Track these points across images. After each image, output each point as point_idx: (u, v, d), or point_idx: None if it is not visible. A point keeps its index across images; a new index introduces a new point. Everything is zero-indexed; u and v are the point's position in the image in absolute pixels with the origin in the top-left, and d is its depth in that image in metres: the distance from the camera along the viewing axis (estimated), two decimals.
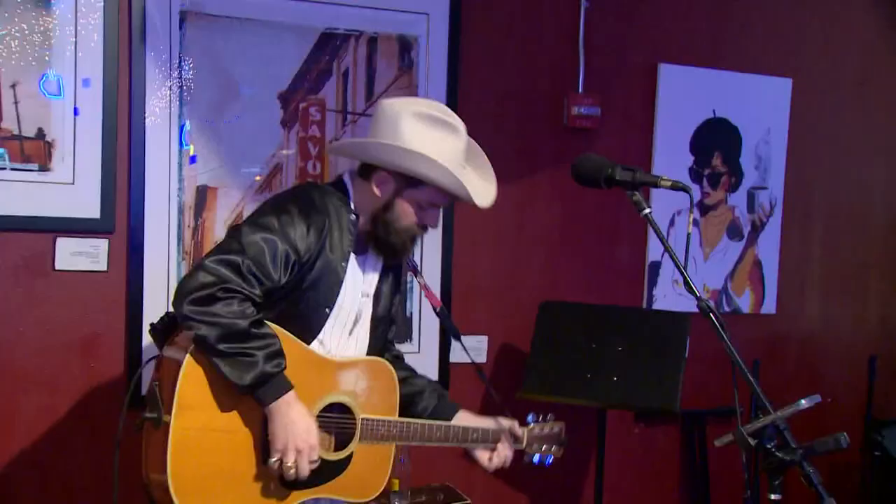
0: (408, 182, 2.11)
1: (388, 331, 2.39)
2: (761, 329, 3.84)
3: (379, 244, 2.19)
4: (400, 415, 2.33)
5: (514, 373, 3.27)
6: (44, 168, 2.69)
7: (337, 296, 2.14)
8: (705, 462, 3.72)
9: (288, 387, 1.99)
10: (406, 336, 3.21)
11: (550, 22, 3.40)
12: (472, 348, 3.32)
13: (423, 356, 3.22)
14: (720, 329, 1.71)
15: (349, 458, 2.17)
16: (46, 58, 2.68)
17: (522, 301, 3.36)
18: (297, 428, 1.99)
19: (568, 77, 3.41)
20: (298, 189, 2.23)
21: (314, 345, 2.15)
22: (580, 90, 3.41)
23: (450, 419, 2.38)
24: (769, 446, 1.59)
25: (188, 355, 1.96)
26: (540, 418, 2.49)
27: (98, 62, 2.73)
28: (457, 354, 3.30)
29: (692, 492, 3.77)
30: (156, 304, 2.79)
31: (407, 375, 2.42)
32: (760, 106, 3.76)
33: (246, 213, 2.92)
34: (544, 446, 2.48)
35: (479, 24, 3.27)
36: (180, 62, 2.84)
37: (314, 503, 2.18)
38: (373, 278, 2.27)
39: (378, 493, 2.27)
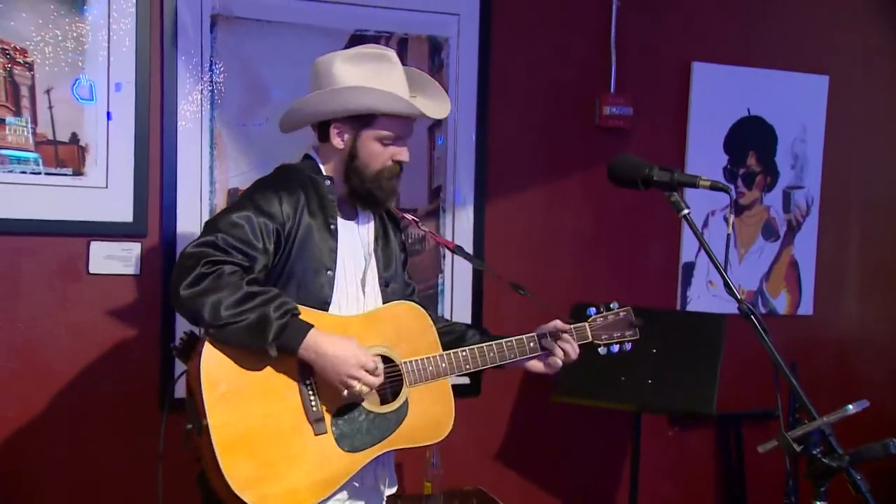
0: (361, 122, 2.12)
1: (401, 291, 2.33)
2: (798, 331, 3.78)
3: (359, 196, 2.17)
4: None
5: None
6: (77, 172, 2.71)
7: (335, 256, 2.13)
8: (742, 466, 3.66)
9: (307, 327, 1.96)
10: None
11: (581, 21, 3.37)
12: None
13: None
14: (762, 332, 1.67)
15: (405, 405, 2.13)
16: (80, 63, 2.69)
17: (554, 302, 3.30)
18: (338, 356, 1.96)
19: (600, 76, 3.38)
20: (269, 174, 2.23)
21: (332, 310, 2.12)
22: (612, 90, 3.38)
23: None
24: (815, 452, 1.55)
25: (202, 356, 1.94)
26: (602, 308, 2.38)
27: (130, 67, 2.75)
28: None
29: (728, 496, 3.71)
30: None
31: (445, 325, 2.37)
32: (796, 104, 3.70)
33: None
34: (616, 333, 2.36)
35: (510, 25, 3.25)
36: (211, 65, 2.85)
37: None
38: (369, 238, 2.25)
39: (448, 431, 2.21)
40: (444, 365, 2.17)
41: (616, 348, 2.36)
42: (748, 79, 3.60)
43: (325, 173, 2.19)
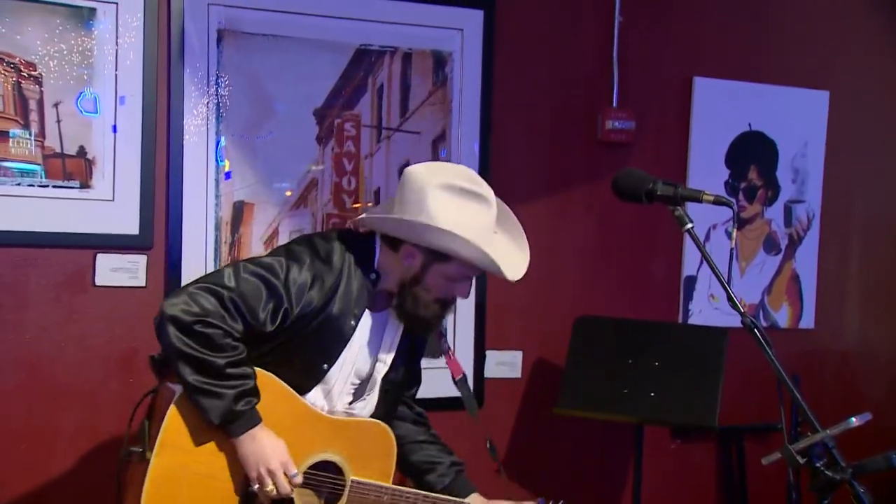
0: (437, 256, 2.06)
1: (401, 395, 2.33)
2: (799, 344, 3.79)
3: (408, 318, 2.13)
4: (412, 480, 2.29)
5: (550, 388, 3.25)
6: (85, 185, 2.72)
7: (339, 354, 2.09)
8: (743, 479, 3.67)
9: (256, 420, 1.96)
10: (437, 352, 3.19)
11: (584, 36, 3.40)
12: (507, 363, 3.33)
13: None
14: (766, 346, 1.68)
15: None
16: (85, 77, 2.71)
17: (557, 316, 3.34)
18: (266, 450, 1.96)
19: (602, 91, 3.41)
20: (319, 236, 2.17)
21: (316, 397, 2.11)
22: (614, 104, 3.40)
23: (463, 499, 2.30)
24: (818, 465, 1.56)
25: (179, 394, 1.94)
26: (550, 503, 2.42)
27: (137, 81, 2.77)
28: (491, 369, 3.30)
29: None
30: None
31: (426, 440, 2.38)
32: (797, 119, 3.72)
33: (282, 229, 2.95)
34: None
35: (513, 40, 3.28)
36: (217, 80, 2.87)
37: None
38: (391, 340, 2.21)
39: None
40: (385, 499, 2.16)
41: None
42: (749, 94, 3.63)
43: (376, 266, 2.13)
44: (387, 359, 2.21)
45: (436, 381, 2.70)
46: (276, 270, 1.99)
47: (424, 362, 2.45)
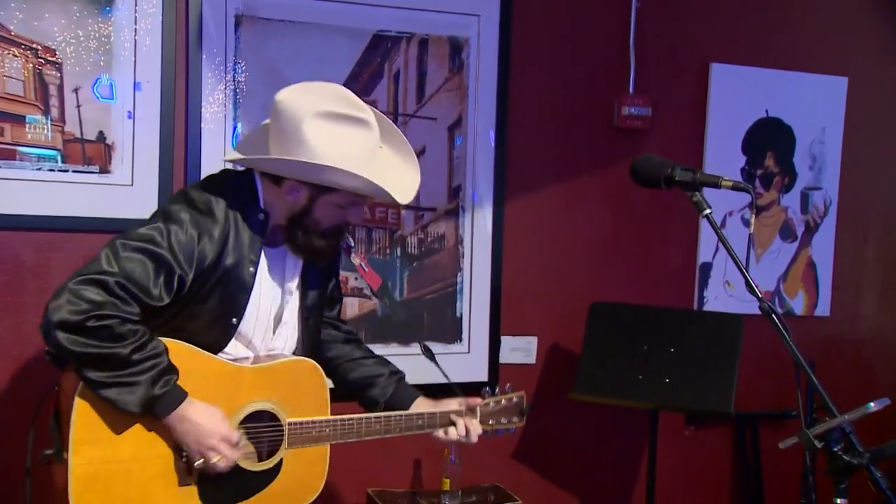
0: (322, 189, 1.98)
1: (320, 319, 2.25)
2: (815, 331, 3.78)
3: (302, 251, 2.06)
4: (357, 399, 2.22)
5: (564, 374, 3.26)
6: (104, 170, 2.75)
7: (245, 305, 2.00)
8: (758, 465, 3.67)
9: (181, 396, 1.88)
10: (456, 337, 3.22)
11: (601, 22, 3.39)
12: (522, 349, 3.34)
13: (472, 356, 3.23)
14: (784, 332, 1.68)
15: (279, 465, 2.07)
16: (102, 62, 2.73)
17: (572, 302, 3.35)
18: (201, 427, 1.89)
19: (618, 78, 3.40)
20: (195, 188, 2.03)
21: (237, 350, 2.05)
22: (631, 91, 3.39)
23: (407, 407, 2.25)
24: (836, 449, 1.57)
25: (79, 388, 1.84)
26: (497, 391, 2.36)
27: (154, 66, 2.78)
28: (506, 355, 3.31)
29: (745, 495, 3.72)
30: None
31: (361, 356, 2.32)
32: (815, 105, 3.70)
33: None
34: (503, 419, 2.34)
35: (530, 26, 3.27)
36: (234, 65, 2.88)
37: None
38: (294, 272, 2.13)
39: (315, 496, 2.15)
40: (328, 431, 2.10)
41: (500, 431, 2.35)
42: (766, 80, 3.61)
43: (262, 206, 2.03)
44: (292, 288, 2.13)
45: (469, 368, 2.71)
46: (158, 239, 1.87)
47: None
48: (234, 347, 2.05)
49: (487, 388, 2.36)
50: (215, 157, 2.87)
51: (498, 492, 3.14)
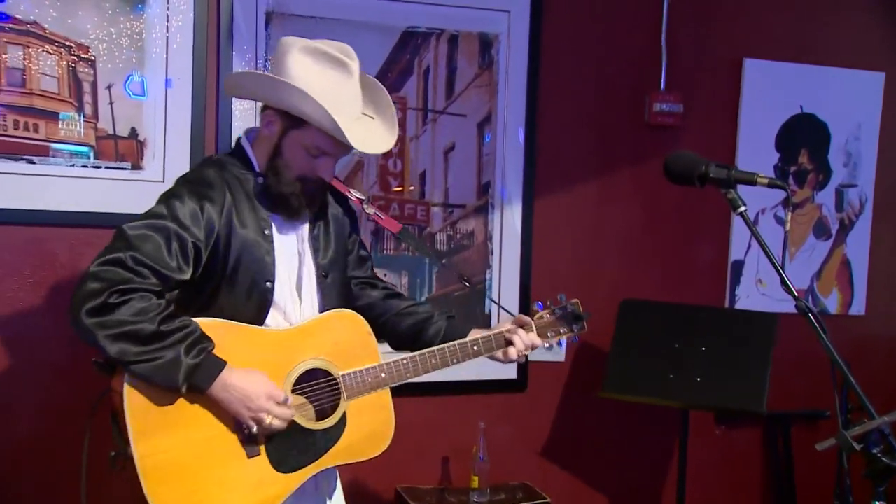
0: (293, 122, 1.97)
1: (342, 277, 2.21)
2: (849, 330, 3.72)
3: (271, 197, 2.01)
4: (413, 348, 2.18)
5: (594, 372, 3.24)
6: (136, 166, 2.77)
7: (273, 266, 2.01)
8: (790, 465, 3.63)
9: (220, 365, 1.87)
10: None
11: (633, 18, 3.36)
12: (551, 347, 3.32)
13: None
14: (821, 331, 1.65)
15: (343, 419, 2.05)
16: (134, 60, 2.75)
17: (602, 299, 3.31)
18: (246, 390, 1.88)
19: (650, 73, 3.37)
20: (192, 170, 2.08)
21: (273, 317, 2.03)
22: (662, 87, 3.36)
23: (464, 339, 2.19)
24: (875, 451, 1.54)
25: (126, 383, 1.84)
26: (549, 303, 2.31)
27: (185, 63, 2.80)
28: (535, 353, 3.27)
29: (777, 495, 3.68)
30: None
31: (409, 305, 2.29)
32: (851, 101, 3.65)
33: None
34: (561, 329, 2.29)
35: (560, 22, 3.25)
36: (265, 62, 2.89)
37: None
38: (302, 232, 2.11)
39: (388, 444, 2.11)
40: (384, 375, 2.08)
41: (562, 342, 2.30)
42: (801, 76, 3.56)
43: (256, 167, 2.05)
44: (305, 250, 2.11)
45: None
46: (162, 212, 1.89)
47: None
48: (272, 319, 2.04)
49: (539, 303, 2.31)
50: None
51: (527, 490, 3.13)
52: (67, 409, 2.76)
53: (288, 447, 1.99)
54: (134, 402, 1.85)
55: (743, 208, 1.80)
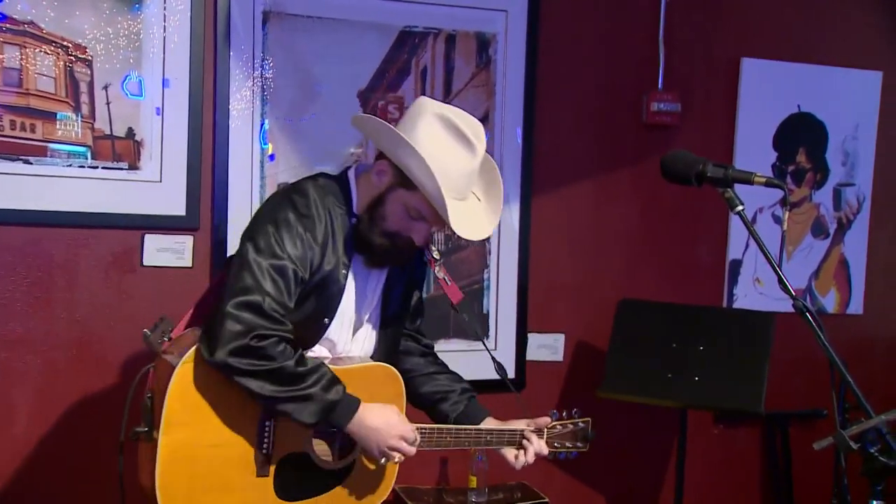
0: (404, 181, 2.00)
1: (399, 329, 2.30)
2: (847, 330, 3.73)
3: (360, 240, 2.06)
4: (426, 411, 2.28)
5: (592, 371, 3.24)
6: (133, 167, 2.76)
7: (337, 306, 2.08)
8: (789, 465, 3.63)
9: (356, 403, 1.98)
10: (484, 333, 3.20)
11: (630, 17, 3.36)
12: (549, 346, 3.32)
13: (499, 354, 3.20)
14: (818, 330, 1.65)
15: (351, 466, 2.13)
16: (132, 60, 2.74)
17: (600, 299, 3.32)
18: (381, 431, 2.00)
19: (647, 73, 3.37)
20: (295, 192, 2.07)
21: (318, 347, 2.10)
22: (660, 86, 3.36)
23: (477, 424, 2.27)
24: (872, 451, 1.54)
25: (177, 370, 1.92)
26: (564, 415, 2.36)
27: (183, 63, 2.80)
28: (533, 352, 3.30)
29: (775, 494, 3.68)
30: None
31: (435, 371, 2.36)
32: (848, 100, 3.65)
33: None
34: (567, 443, 2.34)
35: (558, 21, 3.25)
36: (262, 62, 2.89)
37: None
38: (379, 279, 2.18)
39: (381, 502, 2.21)
40: None
41: (563, 455, 2.35)
42: (798, 75, 3.56)
43: (355, 209, 2.09)
44: (376, 296, 2.18)
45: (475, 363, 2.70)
46: (278, 252, 1.95)
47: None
48: (318, 349, 2.11)
49: (555, 412, 2.37)
50: (243, 153, 2.88)
51: (524, 490, 3.12)
52: (62, 409, 2.77)
53: (295, 478, 2.06)
54: (177, 394, 1.92)
55: (740, 207, 1.80)
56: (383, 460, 2.04)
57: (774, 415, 3.56)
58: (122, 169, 2.75)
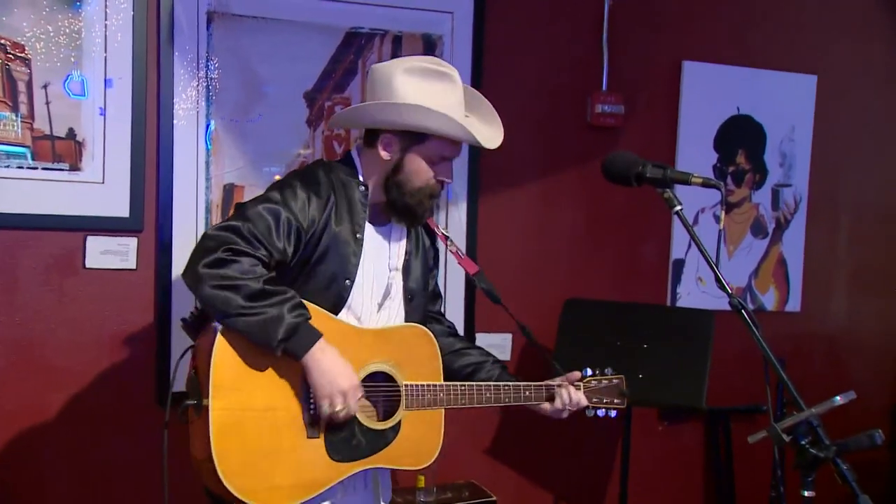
0: (413, 138, 2.11)
1: (424, 304, 2.34)
2: (786, 327, 3.83)
3: (396, 209, 2.16)
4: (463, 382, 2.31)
5: (539, 370, 3.26)
6: (74, 167, 2.72)
7: (356, 267, 2.12)
8: (730, 459, 3.71)
9: (317, 335, 1.98)
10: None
11: (574, 20, 3.40)
12: (497, 346, 3.34)
13: None
14: (753, 327, 1.70)
15: (398, 426, 2.15)
16: (73, 59, 2.70)
17: (546, 298, 3.36)
18: (335, 371, 1.98)
19: (592, 75, 3.41)
20: (304, 167, 2.22)
21: (346, 316, 2.13)
22: (604, 88, 3.41)
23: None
24: (803, 443, 1.59)
25: (219, 335, 1.95)
26: (597, 371, 2.40)
27: (125, 63, 2.76)
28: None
29: (717, 488, 3.76)
30: (184, 300, 2.80)
31: (464, 347, 2.41)
32: (785, 103, 3.74)
33: None
34: (605, 399, 2.37)
35: (503, 23, 3.28)
36: (207, 62, 2.86)
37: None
38: (399, 250, 2.25)
39: (431, 461, 2.22)
40: (441, 395, 2.19)
41: (602, 412, 2.38)
42: (738, 78, 3.65)
43: (361, 179, 2.17)
44: (397, 267, 2.24)
45: None
46: (276, 199, 2.04)
47: None
48: (345, 317, 2.13)
49: (588, 369, 2.40)
50: (188, 154, 2.85)
51: (473, 489, 3.15)
52: (1, 413, 2.71)
53: (345, 439, 2.08)
54: (221, 355, 1.95)
55: (679, 207, 1.84)
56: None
57: (717, 410, 3.64)
58: (63, 170, 2.70)
